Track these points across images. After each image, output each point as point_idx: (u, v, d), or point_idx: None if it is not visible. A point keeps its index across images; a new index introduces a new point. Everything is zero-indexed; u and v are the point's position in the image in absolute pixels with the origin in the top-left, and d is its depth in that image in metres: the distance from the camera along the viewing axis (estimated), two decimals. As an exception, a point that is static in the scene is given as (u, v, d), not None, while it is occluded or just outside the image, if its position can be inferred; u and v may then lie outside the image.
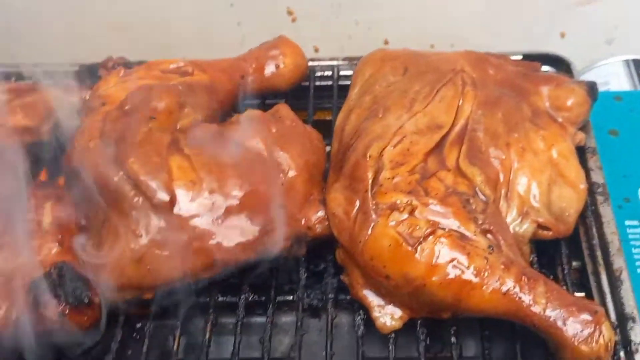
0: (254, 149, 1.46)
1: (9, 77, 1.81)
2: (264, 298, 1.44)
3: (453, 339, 1.36)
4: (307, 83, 1.81)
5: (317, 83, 1.83)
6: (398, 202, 1.35)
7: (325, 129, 1.68)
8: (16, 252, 1.34)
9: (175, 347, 1.38)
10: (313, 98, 1.79)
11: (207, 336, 1.38)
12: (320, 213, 1.43)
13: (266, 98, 1.76)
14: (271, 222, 1.39)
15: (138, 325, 1.46)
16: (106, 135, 1.44)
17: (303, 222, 1.42)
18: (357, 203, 1.39)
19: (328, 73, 1.86)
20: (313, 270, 1.50)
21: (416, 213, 1.33)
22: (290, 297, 1.44)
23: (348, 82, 1.79)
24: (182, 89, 1.56)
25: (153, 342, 1.40)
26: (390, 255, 1.31)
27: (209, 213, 1.36)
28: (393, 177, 1.39)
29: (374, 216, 1.35)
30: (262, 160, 1.45)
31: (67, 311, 1.27)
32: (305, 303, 1.42)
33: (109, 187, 1.38)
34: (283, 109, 1.55)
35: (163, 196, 1.35)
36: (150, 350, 1.38)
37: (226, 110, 1.67)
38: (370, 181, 1.39)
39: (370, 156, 1.42)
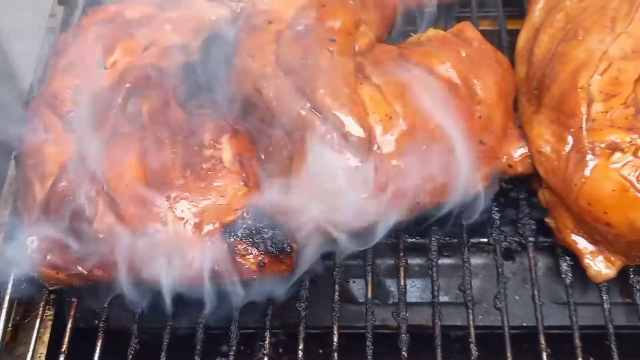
0: (445, 76, 1.31)
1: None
2: (455, 240, 1.33)
3: (671, 287, 1.26)
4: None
5: (477, -10, 1.66)
6: (618, 140, 1.22)
7: (493, 41, 1.51)
8: (200, 193, 1.22)
9: (369, 293, 1.28)
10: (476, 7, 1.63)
11: (402, 281, 1.28)
12: (522, 149, 1.30)
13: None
14: (473, 160, 1.26)
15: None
16: (284, 60, 1.29)
17: (504, 159, 1.30)
18: (569, 140, 1.26)
19: (488, -21, 1.68)
20: (504, 208, 1.37)
21: (641, 154, 1.20)
22: (485, 240, 1.33)
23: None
24: (354, 3, 1.39)
25: (340, 286, 1.30)
26: (613, 201, 1.20)
27: (409, 152, 1.23)
28: (607, 111, 1.26)
29: (591, 156, 1.22)
30: (456, 89, 1.30)
31: (267, 261, 1.17)
32: (502, 246, 1.31)
33: (296, 121, 1.25)
34: (468, 29, 1.39)
35: (360, 132, 1.22)
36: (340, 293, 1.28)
37: (392, 25, 1.50)
38: (584, 116, 1.25)
39: (581, 87, 1.27)
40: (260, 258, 1.17)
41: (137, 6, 1.50)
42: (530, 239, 1.31)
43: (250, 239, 1.18)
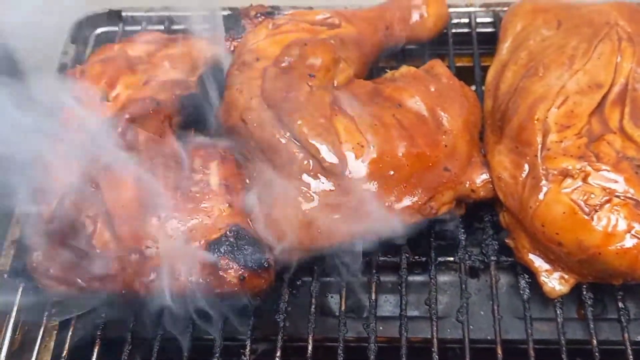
0: (414, 109, 1.44)
1: (161, 22, 1.80)
2: (424, 259, 1.44)
3: (621, 304, 1.37)
4: (444, 30, 1.76)
5: (454, 30, 1.79)
6: (570, 167, 1.33)
7: (467, 76, 1.65)
8: (189, 214, 1.35)
9: (342, 306, 1.39)
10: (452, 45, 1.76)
11: (374, 296, 1.40)
12: (484, 176, 1.42)
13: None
14: (437, 185, 1.38)
15: (299, 283, 1.48)
16: (267, 94, 1.43)
17: (467, 185, 1.42)
18: (526, 167, 1.38)
19: (465, 20, 1.81)
20: (471, 230, 1.49)
21: (589, 180, 1.32)
22: (451, 258, 1.44)
23: (486, 30, 1.77)
24: (335, 43, 1.53)
25: (318, 300, 1.41)
26: (564, 223, 1.31)
27: (378, 176, 1.36)
28: (561, 141, 1.37)
29: (545, 182, 1.34)
30: (424, 120, 1.43)
31: (246, 275, 1.29)
32: (467, 264, 1.42)
33: (277, 149, 1.38)
34: (438, 66, 1.52)
35: (333, 159, 1.35)
36: (316, 308, 1.40)
37: (371, 62, 1.63)
38: (539, 145, 1.37)
39: (537, 119, 1.39)
40: (240, 272, 1.30)
41: (139, 45, 1.65)
42: (493, 258, 1.42)
43: (232, 255, 1.30)
